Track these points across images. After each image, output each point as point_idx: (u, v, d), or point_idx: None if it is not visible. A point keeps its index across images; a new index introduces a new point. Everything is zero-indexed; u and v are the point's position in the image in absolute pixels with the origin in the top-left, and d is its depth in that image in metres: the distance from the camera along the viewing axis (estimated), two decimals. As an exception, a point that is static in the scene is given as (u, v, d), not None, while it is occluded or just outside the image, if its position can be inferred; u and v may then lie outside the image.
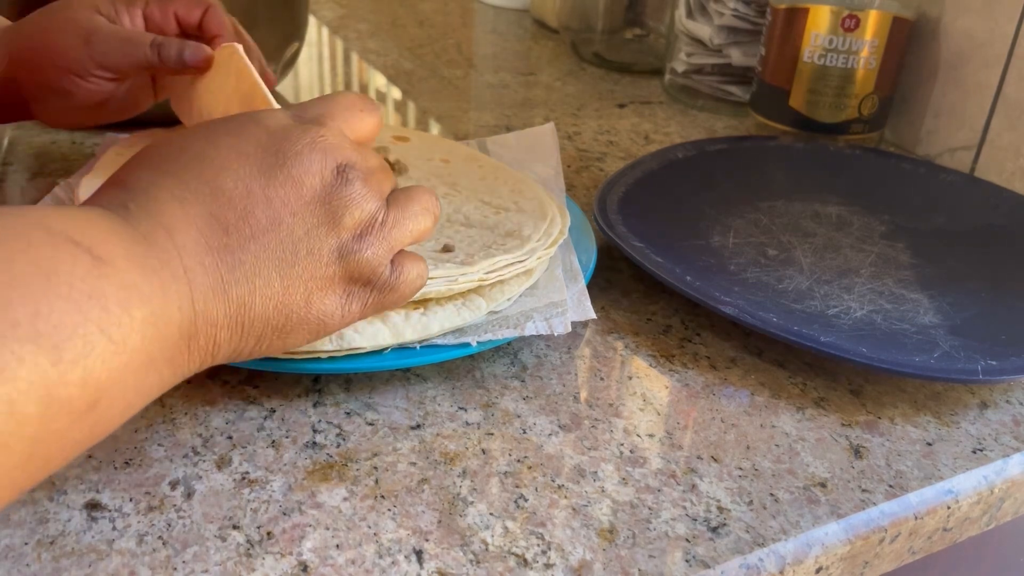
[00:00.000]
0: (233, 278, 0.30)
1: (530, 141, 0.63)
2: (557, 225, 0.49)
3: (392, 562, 0.33)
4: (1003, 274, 0.53)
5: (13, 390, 0.23)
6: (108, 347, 0.25)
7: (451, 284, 0.42)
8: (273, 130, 0.33)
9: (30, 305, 0.23)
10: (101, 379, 0.25)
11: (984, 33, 0.67)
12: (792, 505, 0.37)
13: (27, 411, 0.23)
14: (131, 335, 0.26)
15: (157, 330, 0.27)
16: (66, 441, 0.25)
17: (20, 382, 0.23)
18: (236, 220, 0.31)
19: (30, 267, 0.24)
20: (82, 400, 0.25)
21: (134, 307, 0.26)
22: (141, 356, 0.27)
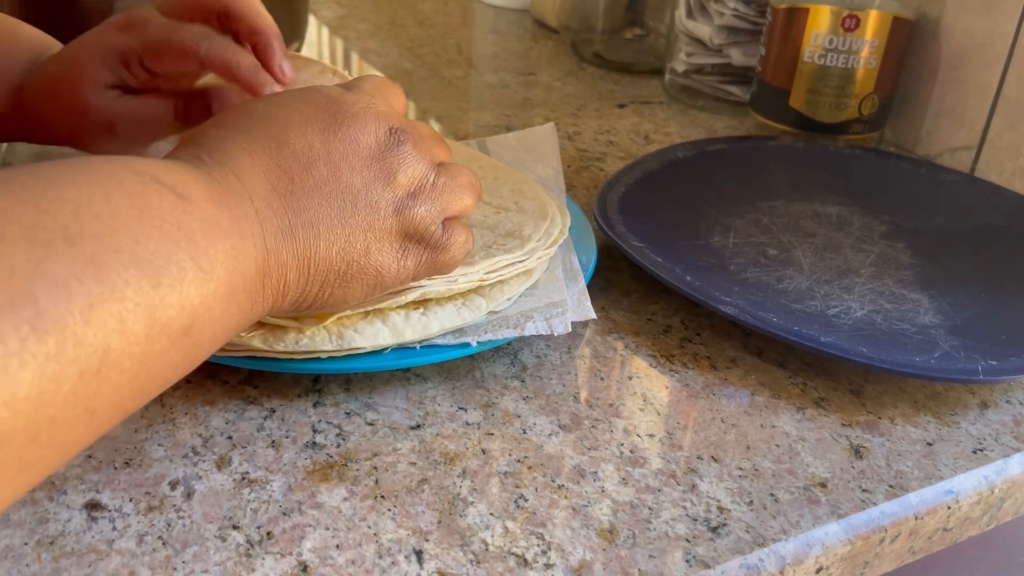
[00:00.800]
0: (299, 222, 0.33)
1: (530, 141, 0.63)
2: (557, 225, 0.49)
3: (392, 562, 0.33)
4: (1003, 274, 0.53)
5: (123, 309, 0.24)
6: (198, 274, 0.27)
7: (451, 284, 0.42)
8: (332, 96, 0.36)
9: (129, 234, 0.25)
10: (195, 304, 0.27)
11: (984, 33, 0.67)
12: (792, 505, 0.37)
13: (135, 329, 0.25)
14: (216, 265, 0.28)
15: (237, 262, 0.30)
16: (166, 363, 0.27)
17: (128, 302, 0.25)
18: (300, 171, 0.33)
19: (125, 201, 0.26)
20: (179, 323, 0.27)
21: (217, 240, 0.29)
22: (225, 286, 0.29)
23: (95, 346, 0.24)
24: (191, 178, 0.30)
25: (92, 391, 0.24)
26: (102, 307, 0.24)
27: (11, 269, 0.22)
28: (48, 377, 0.22)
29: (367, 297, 0.37)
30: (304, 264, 0.33)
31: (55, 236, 0.24)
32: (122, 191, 0.26)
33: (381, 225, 0.35)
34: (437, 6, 1.10)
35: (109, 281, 0.24)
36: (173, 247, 0.27)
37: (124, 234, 0.25)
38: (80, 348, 0.23)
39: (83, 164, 0.27)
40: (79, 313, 0.23)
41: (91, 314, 0.23)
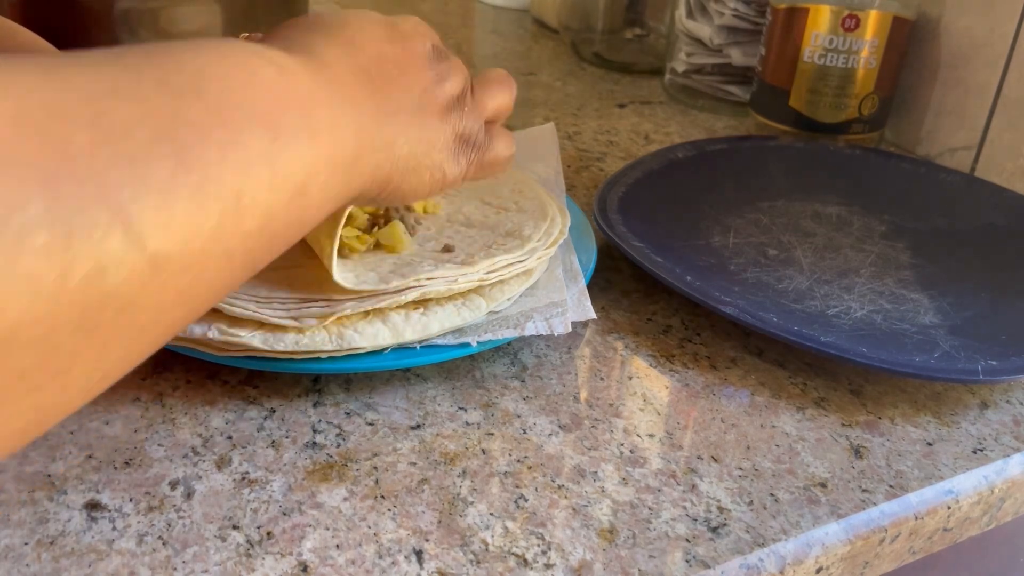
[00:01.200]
0: (382, 112, 0.35)
1: (531, 141, 0.63)
2: (557, 225, 0.49)
3: (392, 562, 0.33)
4: (1003, 274, 0.53)
5: (248, 156, 0.26)
6: (307, 135, 0.29)
7: (451, 284, 0.42)
8: (386, 17, 0.40)
9: (247, 92, 0.27)
10: (306, 162, 0.29)
11: (984, 33, 0.67)
12: (792, 505, 0.37)
13: (261, 176, 0.26)
14: (320, 131, 0.30)
15: (337, 133, 0.31)
16: (285, 221, 0.28)
17: (252, 151, 0.26)
18: (376, 69, 0.36)
19: (237, 67, 0.28)
20: (295, 178, 0.28)
21: (319, 108, 0.31)
22: (328, 153, 0.30)
23: (230, 186, 0.25)
24: (287, 57, 0.31)
25: (230, 231, 0.25)
26: (232, 152, 0.25)
27: (153, 111, 0.23)
28: (195, 208, 0.24)
29: (433, 192, 0.39)
30: (389, 148, 0.36)
31: (185, 88, 0.25)
32: (233, 58, 0.28)
33: (439, 125, 0.38)
34: (437, 6, 1.10)
35: (235, 130, 0.26)
36: (284, 108, 0.28)
37: (241, 92, 0.27)
38: (219, 185, 0.25)
39: (192, 41, 0.28)
40: (215, 152, 0.25)
41: (224, 156, 0.25)
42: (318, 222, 0.32)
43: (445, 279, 0.42)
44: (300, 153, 0.29)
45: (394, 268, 0.43)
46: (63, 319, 0.21)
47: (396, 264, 0.44)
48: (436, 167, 0.38)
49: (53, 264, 0.20)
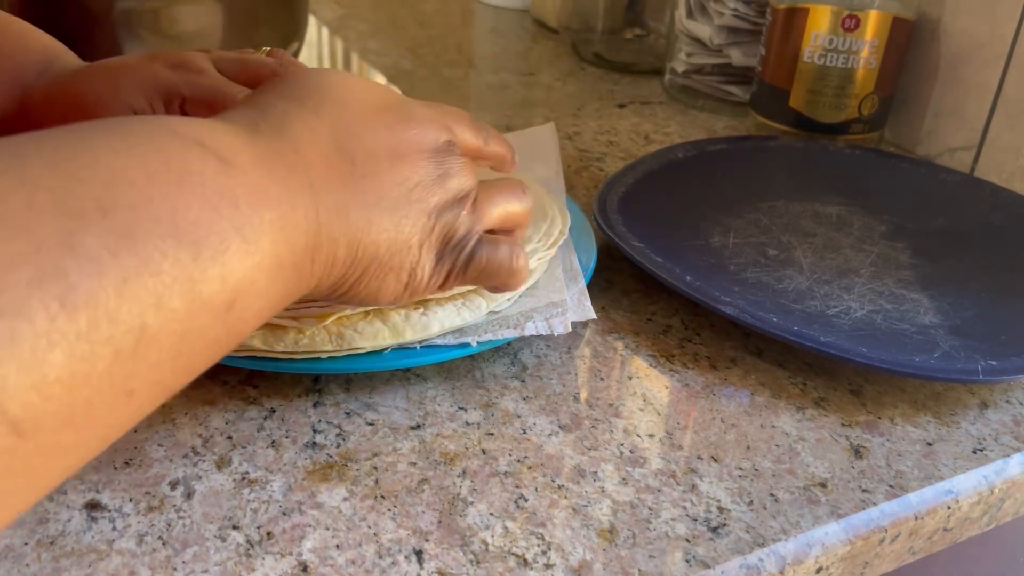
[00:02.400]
0: (355, 203, 0.32)
1: (531, 141, 0.63)
2: (557, 226, 0.49)
3: (392, 562, 0.33)
4: (1003, 274, 0.53)
5: (159, 284, 0.23)
6: (241, 246, 0.26)
7: None
8: (400, 97, 0.37)
9: (168, 202, 0.24)
10: (237, 277, 0.26)
11: (984, 33, 0.67)
12: (792, 505, 0.37)
13: (173, 305, 0.24)
14: (262, 236, 0.27)
15: (285, 234, 0.28)
16: (208, 340, 0.26)
17: (165, 276, 0.23)
18: (363, 156, 0.33)
19: (163, 166, 0.25)
20: (221, 297, 0.25)
21: (263, 209, 0.27)
22: (271, 258, 0.27)
23: (130, 324, 0.22)
24: (240, 143, 0.28)
25: (129, 371, 0.23)
26: (137, 281, 0.22)
27: (40, 243, 0.21)
28: (80, 357, 0.21)
29: (396, 299, 0.36)
30: (353, 245, 0.33)
31: (87, 206, 0.22)
32: (161, 156, 0.25)
33: (426, 224, 0.35)
34: (437, 6, 1.10)
35: (144, 253, 0.23)
36: (215, 216, 0.25)
37: (161, 203, 0.24)
38: (114, 326, 0.22)
39: (122, 126, 0.25)
40: (112, 288, 0.22)
41: (125, 289, 0.22)
42: (257, 326, 0.29)
43: None
44: (231, 268, 0.26)
45: None
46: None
47: None
48: (404, 269, 0.35)
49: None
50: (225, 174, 0.26)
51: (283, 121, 0.32)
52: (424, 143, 0.36)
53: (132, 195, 0.23)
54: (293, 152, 0.31)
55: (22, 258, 0.20)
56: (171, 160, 0.25)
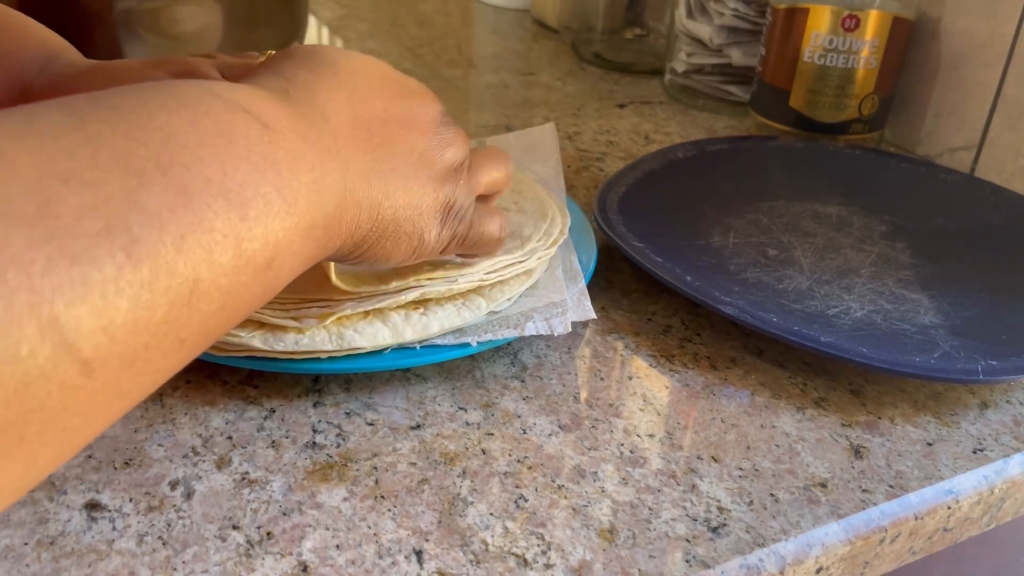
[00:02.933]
0: (375, 169, 0.34)
1: (530, 141, 0.63)
2: (557, 225, 0.49)
3: (392, 562, 0.33)
4: (1003, 274, 0.53)
5: (212, 240, 0.25)
6: (282, 207, 0.27)
7: (451, 284, 0.42)
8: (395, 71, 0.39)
9: (218, 164, 0.25)
10: (278, 237, 0.27)
11: (984, 33, 0.67)
12: (792, 505, 0.37)
13: (222, 261, 0.25)
14: (299, 198, 0.28)
15: (319, 196, 0.30)
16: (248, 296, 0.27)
17: (216, 233, 0.25)
18: (378, 126, 0.35)
19: (213, 130, 0.26)
20: (263, 256, 0.27)
21: (301, 172, 0.29)
22: (307, 219, 0.29)
23: (186, 276, 0.24)
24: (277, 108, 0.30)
25: (183, 320, 0.24)
26: (192, 238, 0.24)
27: (107, 197, 0.22)
28: (143, 305, 0.22)
29: (406, 260, 0.38)
30: (375, 210, 0.34)
31: (147, 164, 0.24)
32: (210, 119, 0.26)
33: (432, 191, 0.37)
34: (437, 6, 1.10)
35: (199, 212, 0.24)
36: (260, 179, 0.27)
37: (212, 164, 0.25)
38: (172, 278, 0.23)
39: (171, 88, 0.27)
40: (171, 243, 0.23)
41: (182, 244, 0.24)
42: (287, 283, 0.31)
43: (445, 279, 0.42)
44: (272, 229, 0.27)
45: (394, 268, 0.43)
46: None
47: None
48: (416, 234, 0.37)
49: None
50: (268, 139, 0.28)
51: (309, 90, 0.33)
52: (426, 114, 0.38)
53: (186, 156, 0.25)
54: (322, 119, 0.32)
55: (92, 211, 0.22)
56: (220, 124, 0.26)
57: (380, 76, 0.37)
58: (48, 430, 0.21)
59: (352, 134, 0.34)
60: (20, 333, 0.20)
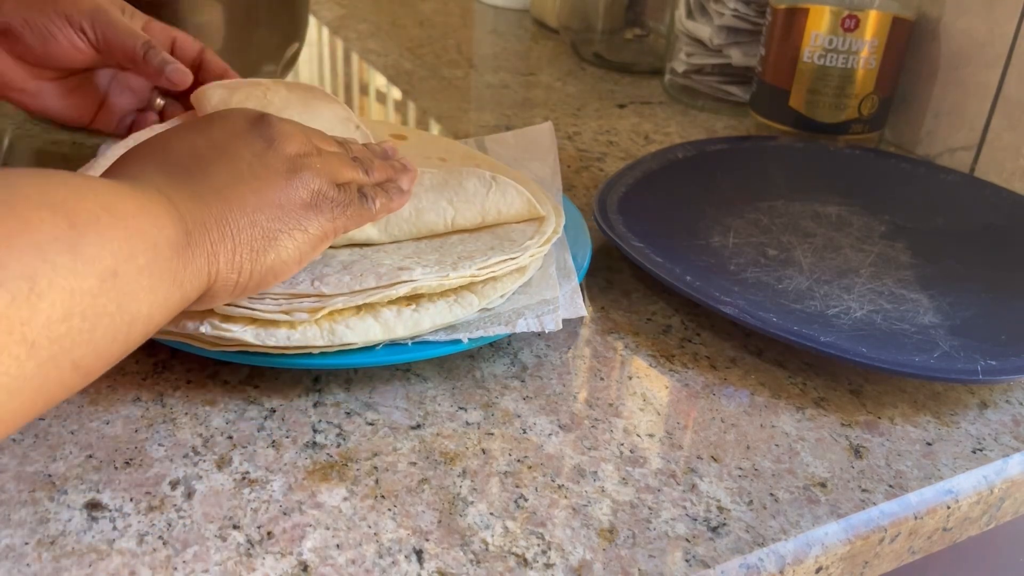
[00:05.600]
0: (204, 190, 0.35)
1: (528, 140, 0.63)
2: (551, 224, 0.49)
3: (392, 562, 0.33)
4: (1003, 274, 0.53)
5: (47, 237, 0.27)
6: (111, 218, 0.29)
7: (443, 280, 0.42)
8: (204, 116, 0.41)
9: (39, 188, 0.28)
10: (115, 245, 0.29)
11: (984, 33, 0.67)
12: (792, 505, 0.37)
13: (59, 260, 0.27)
14: (129, 217, 0.30)
15: (152, 218, 0.32)
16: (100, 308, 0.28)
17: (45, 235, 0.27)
18: (189, 159, 0.37)
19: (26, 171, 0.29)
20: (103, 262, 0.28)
21: (124, 199, 0.31)
22: (141, 236, 0.30)
23: (20, 271, 0.25)
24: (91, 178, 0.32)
25: (24, 318, 0.25)
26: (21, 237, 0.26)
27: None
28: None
29: (304, 256, 0.38)
30: (223, 225, 0.35)
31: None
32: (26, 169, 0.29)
33: (284, 183, 0.38)
34: (437, 6, 1.10)
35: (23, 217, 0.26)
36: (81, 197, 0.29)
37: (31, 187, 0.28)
38: (4, 270, 0.25)
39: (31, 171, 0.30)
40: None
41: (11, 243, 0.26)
42: (165, 316, 0.32)
43: (437, 275, 0.42)
44: (106, 236, 0.29)
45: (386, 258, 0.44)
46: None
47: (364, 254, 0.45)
48: (295, 230, 0.37)
49: None
50: (82, 179, 0.31)
51: (117, 170, 0.36)
52: (234, 128, 0.39)
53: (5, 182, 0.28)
54: (134, 178, 0.35)
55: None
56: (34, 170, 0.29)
57: (177, 129, 0.39)
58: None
59: (168, 178, 0.35)
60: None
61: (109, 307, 0.29)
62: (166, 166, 0.36)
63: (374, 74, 0.87)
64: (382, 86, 0.84)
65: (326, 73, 0.89)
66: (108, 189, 0.31)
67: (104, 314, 0.28)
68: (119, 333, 0.30)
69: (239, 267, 0.36)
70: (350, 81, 0.87)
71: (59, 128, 0.68)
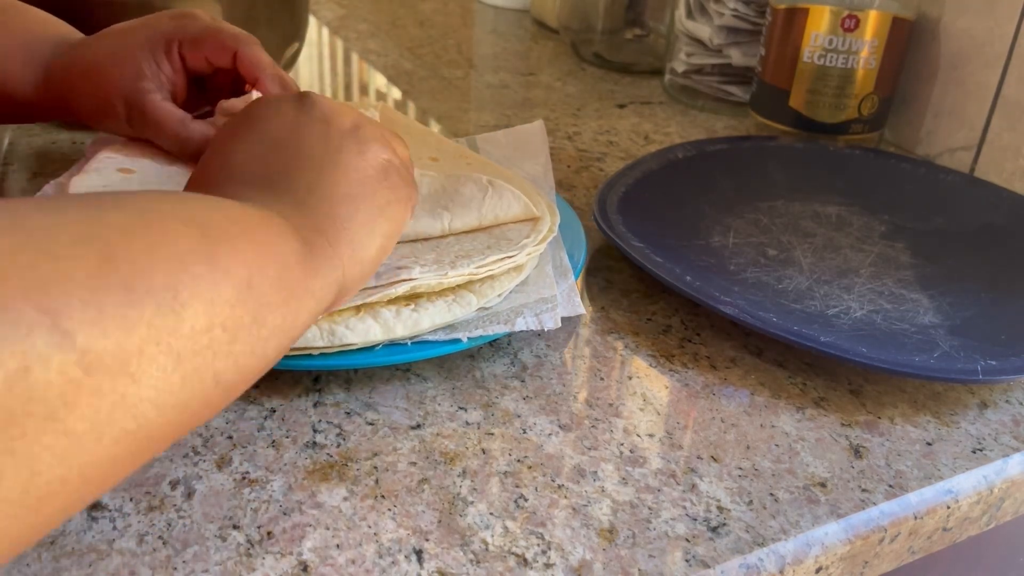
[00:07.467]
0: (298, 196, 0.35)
1: (520, 139, 0.63)
2: (547, 223, 0.49)
3: (392, 562, 0.33)
4: (1003, 274, 0.53)
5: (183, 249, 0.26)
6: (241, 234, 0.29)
7: (441, 278, 0.42)
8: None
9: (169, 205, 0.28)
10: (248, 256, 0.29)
11: (984, 33, 0.67)
12: (792, 505, 0.37)
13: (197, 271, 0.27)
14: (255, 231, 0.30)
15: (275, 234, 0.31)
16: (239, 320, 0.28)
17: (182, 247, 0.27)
18: (264, 171, 0.37)
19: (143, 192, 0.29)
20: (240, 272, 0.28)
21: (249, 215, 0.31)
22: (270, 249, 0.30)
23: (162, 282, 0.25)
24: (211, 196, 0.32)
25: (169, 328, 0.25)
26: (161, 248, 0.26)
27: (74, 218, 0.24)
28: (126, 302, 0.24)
29: (399, 228, 0.39)
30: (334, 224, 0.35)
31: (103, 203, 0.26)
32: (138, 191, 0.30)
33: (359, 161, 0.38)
34: (437, 6, 1.10)
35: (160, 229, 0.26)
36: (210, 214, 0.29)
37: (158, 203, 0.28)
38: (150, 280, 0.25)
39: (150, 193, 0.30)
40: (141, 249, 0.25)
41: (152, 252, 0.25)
42: (300, 328, 0.32)
43: (436, 273, 0.42)
44: (238, 248, 0.28)
45: None
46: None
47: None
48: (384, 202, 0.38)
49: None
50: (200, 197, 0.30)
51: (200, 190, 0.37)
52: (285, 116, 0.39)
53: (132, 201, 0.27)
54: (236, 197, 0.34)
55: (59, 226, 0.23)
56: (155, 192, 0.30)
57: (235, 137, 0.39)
58: (49, 429, 0.21)
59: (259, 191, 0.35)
60: (17, 314, 0.20)
61: (245, 319, 0.28)
62: (246, 185, 0.36)
63: (374, 74, 0.87)
64: (382, 86, 0.84)
65: (326, 73, 0.89)
66: (231, 204, 0.30)
67: (241, 326, 0.28)
68: (256, 346, 0.29)
69: (360, 259, 0.36)
70: (350, 81, 0.87)
71: (59, 128, 0.68)
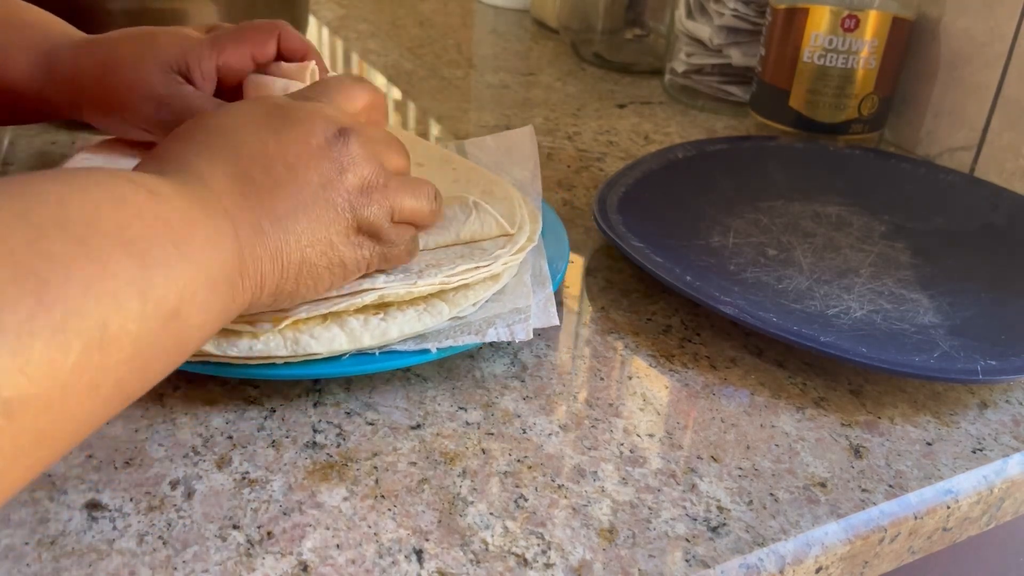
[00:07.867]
0: (267, 218, 0.35)
1: (508, 143, 0.62)
2: (526, 232, 0.47)
3: (392, 562, 0.33)
4: (1003, 274, 0.53)
5: (116, 286, 0.26)
6: (180, 259, 0.29)
7: (410, 288, 0.41)
8: (279, 103, 0.38)
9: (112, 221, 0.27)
10: (180, 286, 0.29)
11: (984, 33, 0.67)
12: (792, 505, 0.37)
13: (129, 306, 0.26)
14: (196, 251, 0.30)
15: (216, 252, 0.31)
16: (159, 347, 0.28)
17: (119, 279, 0.26)
18: (259, 172, 0.35)
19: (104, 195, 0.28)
20: (167, 304, 0.28)
21: (195, 228, 0.30)
22: (206, 273, 0.30)
23: (95, 319, 0.25)
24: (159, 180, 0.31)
25: (95, 365, 0.25)
26: (98, 284, 0.25)
27: (11, 249, 0.24)
28: (55, 346, 0.24)
29: (333, 285, 0.39)
30: (277, 258, 0.35)
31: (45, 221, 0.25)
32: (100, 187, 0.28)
33: (340, 219, 0.37)
34: (437, 6, 1.10)
35: (101, 260, 0.26)
36: (154, 233, 0.28)
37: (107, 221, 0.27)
38: (82, 319, 0.24)
39: (58, 171, 0.29)
40: (78, 287, 0.25)
41: (89, 289, 0.25)
42: (203, 341, 0.32)
43: (404, 282, 0.41)
44: (173, 277, 0.28)
45: None
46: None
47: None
48: (336, 263, 0.37)
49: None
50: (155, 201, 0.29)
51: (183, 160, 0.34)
52: (312, 143, 0.37)
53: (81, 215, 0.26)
54: (202, 185, 0.33)
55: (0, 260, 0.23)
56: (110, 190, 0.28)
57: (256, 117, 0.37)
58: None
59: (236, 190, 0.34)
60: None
61: (167, 344, 0.29)
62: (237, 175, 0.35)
63: (374, 74, 0.87)
64: (382, 86, 0.84)
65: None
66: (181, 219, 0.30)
67: (163, 352, 0.29)
68: (170, 364, 0.30)
69: (276, 294, 0.36)
70: (350, 81, 0.87)
71: (59, 128, 0.68)
